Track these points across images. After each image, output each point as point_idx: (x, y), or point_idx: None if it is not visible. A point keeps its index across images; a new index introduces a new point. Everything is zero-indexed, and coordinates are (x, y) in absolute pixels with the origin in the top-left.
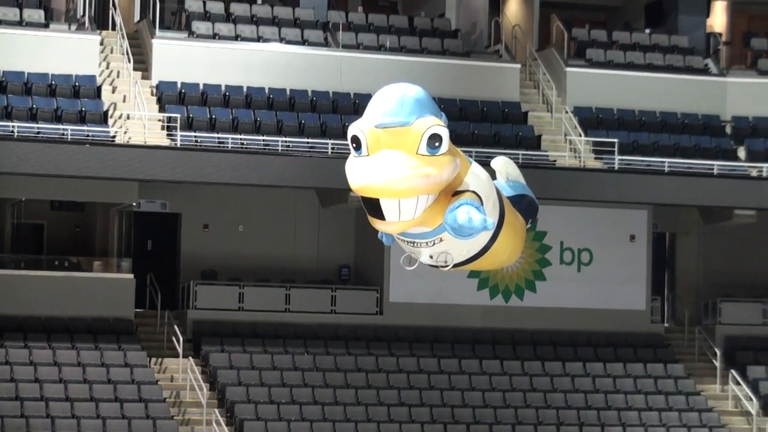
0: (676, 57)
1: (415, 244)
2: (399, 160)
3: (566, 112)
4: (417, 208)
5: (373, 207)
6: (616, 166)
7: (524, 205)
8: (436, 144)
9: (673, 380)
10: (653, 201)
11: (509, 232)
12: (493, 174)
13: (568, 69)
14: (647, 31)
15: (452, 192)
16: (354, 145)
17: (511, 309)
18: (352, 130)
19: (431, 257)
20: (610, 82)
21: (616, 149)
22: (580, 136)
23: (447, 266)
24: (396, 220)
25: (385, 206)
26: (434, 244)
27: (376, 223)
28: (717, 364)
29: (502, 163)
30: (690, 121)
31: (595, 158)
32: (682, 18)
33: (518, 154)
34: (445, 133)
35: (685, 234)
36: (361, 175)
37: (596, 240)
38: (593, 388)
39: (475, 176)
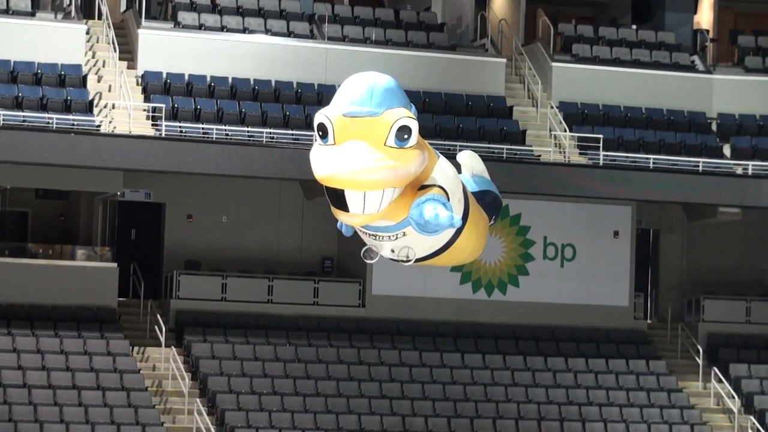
0: (662, 53)
1: (378, 238)
2: (366, 151)
3: (551, 108)
4: (382, 201)
5: (337, 198)
6: (601, 162)
7: (488, 201)
8: (405, 136)
9: (656, 377)
10: (638, 197)
11: (473, 229)
12: (459, 168)
13: (554, 64)
14: (634, 27)
15: (419, 186)
16: (320, 133)
17: (494, 303)
18: (319, 117)
19: (393, 251)
20: (596, 77)
21: (601, 145)
22: (565, 131)
23: (409, 261)
24: (360, 212)
25: (350, 198)
26: (397, 238)
27: (340, 215)
28: (699, 361)
29: (468, 157)
30: (676, 118)
31: (580, 154)
32: (669, 14)
33: (503, 149)
34: (414, 126)
35: (669, 231)
36: (326, 164)
37: (580, 236)
38: (575, 383)
39: (442, 171)
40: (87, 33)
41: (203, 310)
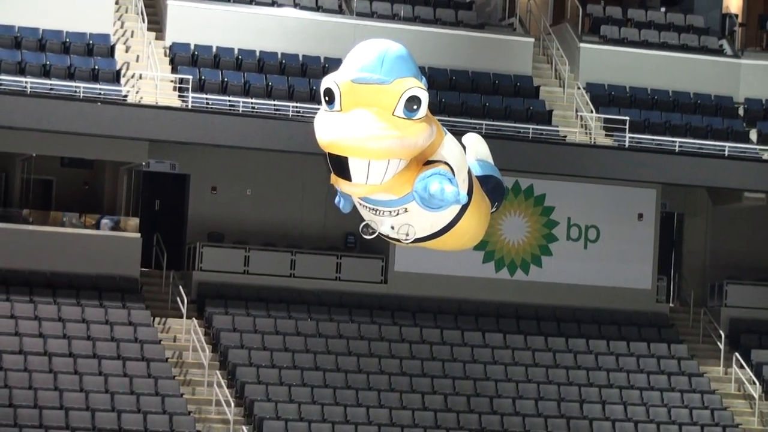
0: (690, 37)
1: (378, 212)
2: (373, 119)
3: (578, 88)
4: (387, 173)
5: (340, 166)
6: (627, 144)
7: (491, 186)
8: (414, 107)
9: (677, 361)
10: (663, 180)
11: (474, 213)
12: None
13: (582, 45)
14: (663, 9)
15: (424, 161)
16: (327, 98)
17: (516, 283)
18: (326, 82)
19: (393, 228)
20: (624, 59)
21: (627, 127)
22: (592, 112)
23: (408, 239)
24: (363, 182)
25: (354, 166)
26: (398, 214)
27: (341, 184)
28: (721, 346)
29: (473, 140)
30: (702, 102)
31: (606, 135)
32: None
33: (529, 129)
34: (424, 97)
35: (693, 215)
36: (331, 130)
37: (604, 217)
38: (596, 365)
39: (449, 148)
40: (116, 3)
41: (225, 282)
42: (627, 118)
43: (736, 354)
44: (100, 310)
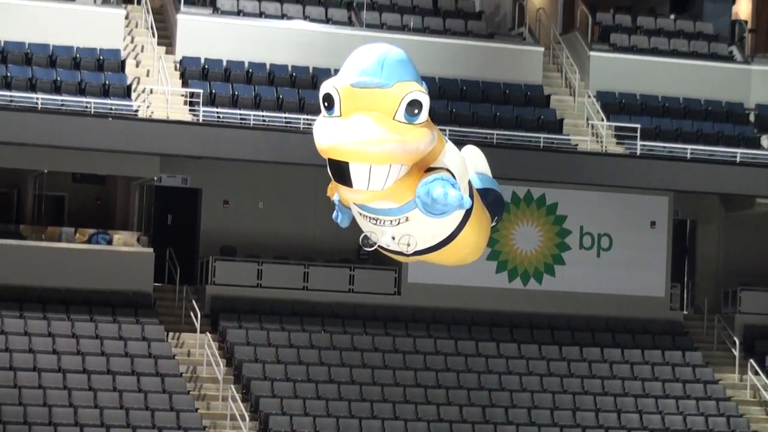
0: (700, 43)
1: (378, 222)
2: (374, 123)
3: (589, 97)
4: (388, 178)
5: (341, 172)
6: (638, 152)
7: (491, 200)
8: (416, 111)
9: (691, 368)
10: (675, 187)
11: (475, 225)
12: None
13: (592, 53)
14: (672, 16)
15: (425, 168)
16: (326, 104)
17: (530, 292)
18: (325, 87)
19: (393, 238)
20: (634, 67)
21: (638, 135)
22: (603, 120)
23: (409, 250)
24: (364, 188)
25: (355, 171)
26: (399, 223)
27: (342, 191)
28: (736, 353)
29: (472, 153)
30: (713, 108)
31: (617, 143)
32: (708, 4)
33: (540, 138)
34: (425, 101)
35: (706, 221)
36: (330, 134)
37: (616, 225)
38: (610, 374)
39: (450, 156)
40: (126, 18)
41: (239, 296)
42: (638, 125)
43: (751, 360)
44: (114, 325)
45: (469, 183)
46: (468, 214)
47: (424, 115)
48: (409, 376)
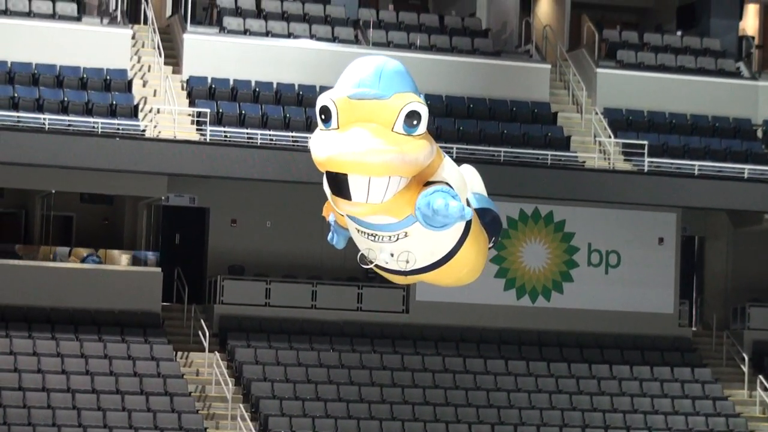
0: (707, 60)
1: (377, 238)
2: (372, 135)
3: (596, 114)
4: (387, 191)
5: (339, 185)
6: (646, 169)
7: (488, 220)
8: (414, 122)
9: (701, 385)
10: (683, 204)
11: (473, 244)
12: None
13: (599, 70)
14: (679, 33)
15: (424, 182)
16: (323, 116)
17: (538, 310)
18: (322, 100)
19: (392, 255)
20: (641, 83)
21: (645, 151)
22: (610, 137)
23: (407, 267)
24: (363, 200)
25: (354, 184)
26: (398, 239)
27: (341, 204)
28: (745, 369)
29: (469, 173)
30: (721, 125)
31: (625, 160)
32: (714, 20)
33: (547, 155)
34: (424, 112)
35: (714, 238)
36: (328, 146)
37: (624, 242)
38: (619, 390)
39: (449, 170)
40: (132, 38)
41: (247, 315)
42: (645, 142)
43: (760, 377)
44: (122, 345)
45: (467, 201)
46: (467, 231)
47: (423, 126)
48: (418, 394)
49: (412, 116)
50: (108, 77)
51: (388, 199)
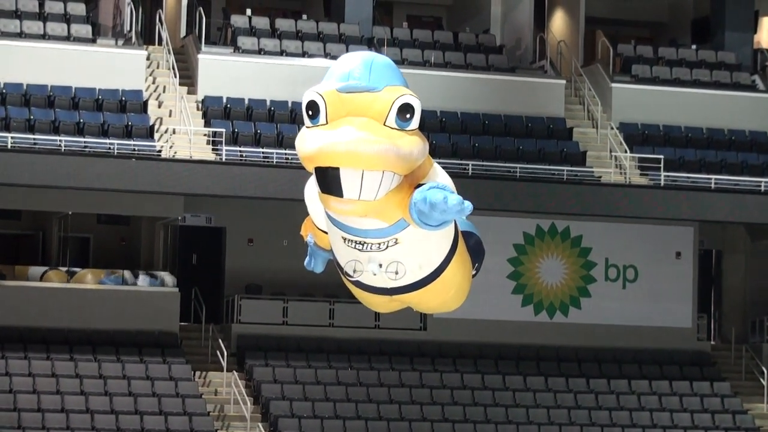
0: (722, 73)
1: (365, 246)
2: (364, 126)
3: (611, 128)
4: (380, 187)
5: (330, 181)
6: (662, 183)
7: (472, 244)
8: (407, 116)
9: (720, 399)
10: (699, 218)
11: (459, 264)
12: None
13: (614, 85)
14: (693, 47)
15: (415, 184)
16: (309, 112)
17: (556, 325)
18: (309, 95)
19: (380, 266)
20: (656, 98)
21: (661, 165)
22: (626, 152)
23: (396, 279)
24: (355, 197)
25: (346, 178)
26: (387, 247)
27: (331, 202)
28: (764, 382)
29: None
30: (737, 138)
31: (641, 174)
32: (729, 34)
33: (563, 170)
34: (417, 105)
35: (731, 251)
36: (318, 139)
37: (642, 257)
38: (639, 405)
39: (441, 175)
40: (147, 59)
41: (265, 334)
42: (661, 156)
43: None
44: (141, 365)
45: (455, 222)
46: (454, 247)
47: (416, 121)
48: (437, 411)
49: (405, 110)
50: (123, 98)
51: (381, 198)
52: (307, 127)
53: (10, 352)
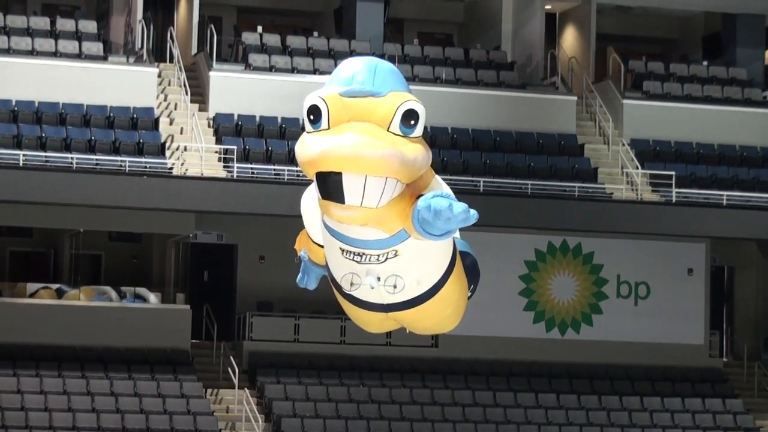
0: (734, 89)
1: (363, 258)
2: (367, 131)
3: (623, 145)
4: (383, 194)
5: (331, 185)
6: (674, 199)
7: (468, 264)
8: (412, 122)
9: (732, 415)
10: (711, 234)
11: (456, 282)
12: None
13: (625, 101)
14: (705, 63)
15: (417, 195)
16: (311, 117)
17: (568, 342)
18: (311, 99)
19: (379, 279)
20: (667, 114)
21: (673, 182)
22: (637, 168)
23: (395, 293)
24: (357, 204)
25: (348, 183)
26: (386, 259)
27: (331, 209)
28: None
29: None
30: (748, 154)
31: (653, 191)
32: (740, 50)
33: (574, 187)
34: (422, 112)
35: (743, 268)
36: (321, 143)
37: (654, 273)
38: (651, 422)
39: (443, 187)
40: (159, 76)
41: (276, 351)
42: (673, 173)
43: None
44: (152, 383)
45: (453, 240)
46: (453, 263)
47: (420, 128)
48: (449, 429)
49: (410, 116)
50: (135, 116)
51: (382, 206)
52: (308, 132)
53: (22, 370)
